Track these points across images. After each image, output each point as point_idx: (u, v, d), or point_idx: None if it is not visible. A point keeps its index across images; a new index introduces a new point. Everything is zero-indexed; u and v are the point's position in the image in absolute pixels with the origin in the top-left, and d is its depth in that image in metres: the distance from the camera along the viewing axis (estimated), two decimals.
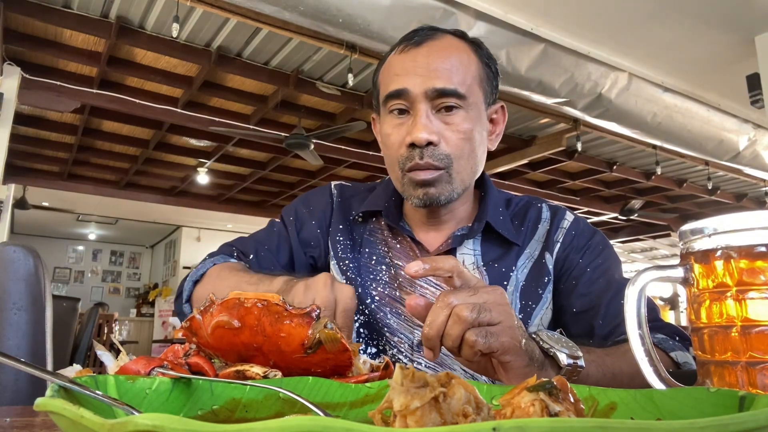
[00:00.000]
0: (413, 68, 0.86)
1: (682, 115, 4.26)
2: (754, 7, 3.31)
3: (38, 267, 1.06)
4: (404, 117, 0.88)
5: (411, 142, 0.85)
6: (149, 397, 0.43)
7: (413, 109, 0.87)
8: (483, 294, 0.59)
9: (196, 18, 3.80)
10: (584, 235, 0.97)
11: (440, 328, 0.57)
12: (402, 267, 0.95)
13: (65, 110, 4.65)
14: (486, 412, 0.30)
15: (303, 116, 5.27)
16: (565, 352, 0.64)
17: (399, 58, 0.89)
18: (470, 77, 0.88)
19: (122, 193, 7.89)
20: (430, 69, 0.85)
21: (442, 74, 0.85)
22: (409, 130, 0.86)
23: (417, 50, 0.88)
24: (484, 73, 0.92)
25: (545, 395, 0.31)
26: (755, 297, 0.45)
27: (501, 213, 0.97)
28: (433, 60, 0.86)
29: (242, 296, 0.52)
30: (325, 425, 0.22)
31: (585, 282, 0.92)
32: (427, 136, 0.84)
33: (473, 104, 0.88)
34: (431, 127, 0.85)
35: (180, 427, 0.23)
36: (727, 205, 7.92)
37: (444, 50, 0.87)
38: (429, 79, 0.85)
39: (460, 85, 0.86)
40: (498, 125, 0.98)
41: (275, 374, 0.51)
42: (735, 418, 0.23)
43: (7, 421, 0.54)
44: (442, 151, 0.86)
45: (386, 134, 0.91)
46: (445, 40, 0.90)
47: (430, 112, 0.86)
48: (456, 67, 0.87)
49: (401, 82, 0.86)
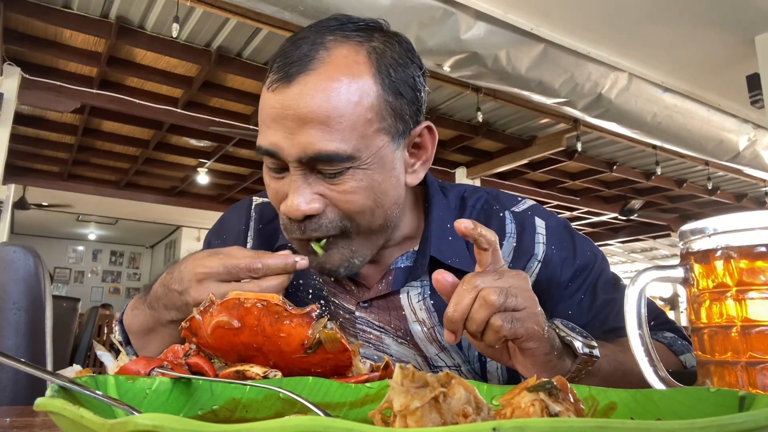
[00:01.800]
0: (282, 119, 0.67)
1: (682, 115, 4.26)
2: (754, 7, 3.31)
3: (38, 267, 1.06)
4: (284, 174, 0.71)
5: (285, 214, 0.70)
6: (149, 397, 0.43)
7: (290, 170, 0.69)
8: (508, 278, 0.57)
9: (196, 18, 3.80)
10: (566, 246, 0.83)
11: (465, 311, 0.55)
12: (339, 306, 0.82)
13: (65, 110, 4.65)
14: (486, 412, 0.30)
15: None
16: (581, 340, 0.63)
17: (269, 99, 0.69)
18: (361, 123, 0.67)
19: (122, 193, 7.89)
20: (300, 123, 0.66)
21: (315, 132, 0.65)
22: (285, 196, 0.70)
23: (286, 91, 0.66)
24: (386, 104, 0.69)
25: (545, 395, 0.31)
26: (755, 297, 0.45)
27: (450, 230, 0.80)
28: (305, 108, 0.65)
29: (242, 296, 0.52)
30: (325, 425, 0.22)
31: (582, 311, 0.81)
32: (304, 209, 0.68)
33: (370, 156, 0.68)
34: (311, 196, 0.68)
35: (180, 427, 0.23)
36: (727, 205, 7.91)
37: (320, 92, 0.65)
38: (300, 140, 0.66)
39: (344, 142, 0.66)
40: (425, 150, 0.78)
41: (275, 374, 0.51)
42: (735, 418, 0.23)
43: (7, 421, 0.54)
44: (329, 218, 0.70)
45: (266, 185, 0.75)
46: (330, 63, 0.67)
47: (310, 173, 0.69)
48: (338, 114, 0.65)
49: (270, 139, 0.68)
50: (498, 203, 0.87)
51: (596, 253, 0.86)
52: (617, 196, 7.93)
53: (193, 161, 6.83)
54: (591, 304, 0.82)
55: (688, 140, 4.48)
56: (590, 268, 0.84)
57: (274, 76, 0.68)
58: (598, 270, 0.84)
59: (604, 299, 0.82)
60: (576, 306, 0.82)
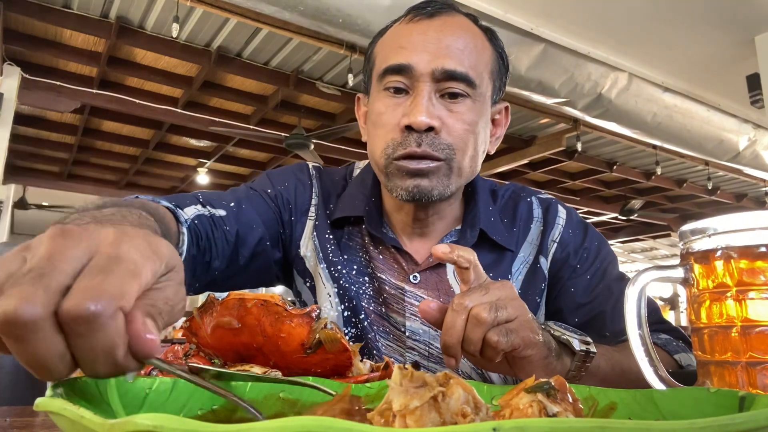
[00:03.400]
0: (422, 42, 0.75)
1: (682, 115, 4.26)
2: (754, 7, 3.31)
3: None
4: (401, 97, 0.77)
5: (408, 125, 0.74)
6: (149, 397, 0.43)
7: (414, 89, 0.76)
8: (494, 291, 0.57)
9: (196, 18, 3.80)
10: (579, 232, 0.90)
11: (460, 334, 0.55)
12: (386, 281, 0.85)
13: (65, 110, 4.65)
14: (485, 412, 0.30)
15: (303, 116, 5.27)
16: (577, 338, 0.63)
17: (406, 28, 0.78)
18: (483, 65, 0.79)
19: (122, 193, 7.89)
20: (441, 46, 0.75)
21: (454, 54, 0.75)
22: (406, 112, 0.75)
23: (429, 22, 0.77)
24: (496, 65, 0.82)
25: (543, 396, 0.31)
26: (755, 297, 0.45)
27: (491, 212, 0.88)
28: (446, 36, 0.76)
29: (242, 296, 0.52)
30: (325, 425, 0.22)
31: (583, 290, 0.86)
32: (428, 120, 0.73)
33: (481, 95, 0.79)
34: (433, 111, 0.75)
35: (180, 427, 0.23)
36: (727, 205, 7.91)
37: (459, 29, 0.77)
38: (439, 58, 0.74)
39: (472, 70, 0.76)
40: (499, 127, 0.89)
41: (275, 374, 0.51)
42: (735, 418, 0.23)
43: (7, 421, 0.54)
44: (443, 140, 0.76)
45: (378, 113, 0.79)
46: (460, 18, 0.80)
47: (434, 95, 0.76)
48: (470, 49, 0.77)
49: (406, 56, 0.75)
50: (524, 191, 0.96)
51: (606, 248, 0.92)
52: (617, 196, 7.93)
53: (193, 161, 6.84)
54: (594, 286, 0.87)
55: (688, 140, 4.48)
56: (598, 256, 0.89)
57: (415, 13, 0.79)
58: (605, 259, 0.90)
59: (606, 284, 0.87)
60: (579, 284, 0.87)
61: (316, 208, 0.90)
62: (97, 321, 0.29)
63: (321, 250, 0.88)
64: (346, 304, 0.85)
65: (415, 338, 0.83)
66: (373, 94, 0.82)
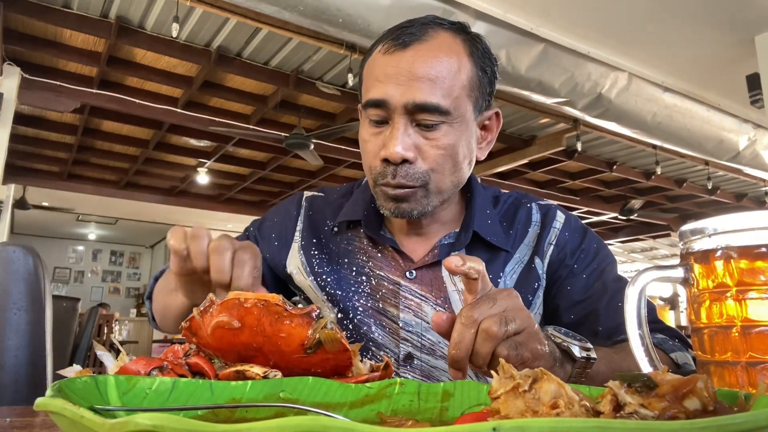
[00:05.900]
0: (395, 75, 0.79)
1: (681, 115, 4.26)
2: (754, 7, 3.31)
3: (38, 267, 1.06)
4: (383, 127, 0.82)
5: (384, 158, 0.80)
6: (149, 397, 0.43)
7: (391, 120, 0.80)
8: (502, 301, 0.57)
9: (196, 18, 3.80)
10: (577, 236, 0.93)
11: (469, 348, 0.54)
12: (384, 277, 0.91)
13: (65, 110, 4.65)
14: (576, 407, 0.31)
15: (303, 116, 5.27)
16: (577, 344, 0.63)
17: (382, 60, 0.82)
18: (458, 88, 0.81)
19: (122, 193, 7.89)
20: (412, 78, 0.78)
21: (425, 87, 0.78)
22: (384, 142, 0.80)
23: (402, 54, 0.80)
24: (476, 79, 0.84)
25: (629, 390, 0.33)
26: (755, 297, 0.45)
27: (489, 216, 0.92)
28: (418, 68, 0.78)
29: (242, 296, 0.52)
30: (325, 425, 0.22)
31: (580, 288, 0.89)
32: (402, 153, 0.78)
33: (459, 116, 0.81)
34: (408, 142, 0.79)
35: (180, 427, 0.23)
36: (727, 205, 7.92)
37: (432, 57, 0.79)
38: (409, 91, 0.78)
39: (445, 99, 0.79)
40: (491, 132, 0.91)
41: (275, 374, 0.51)
42: (735, 418, 0.23)
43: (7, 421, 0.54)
44: (418, 168, 0.80)
45: (363, 140, 0.86)
46: (436, 40, 0.81)
47: (409, 125, 0.80)
48: (443, 76, 0.79)
49: (382, 90, 0.80)
50: (526, 198, 0.99)
51: (605, 251, 0.94)
52: (617, 195, 7.93)
53: (193, 161, 6.84)
54: (590, 284, 0.89)
55: (688, 140, 4.49)
56: (596, 257, 0.91)
57: (391, 43, 0.82)
58: (603, 260, 0.92)
59: (603, 283, 0.88)
60: (576, 283, 0.89)
61: (300, 232, 1.00)
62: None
63: (308, 265, 0.96)
64: (340, 306, 0.91)
65: (408, 329, 0.87)
66: (362, 120, 0.87)
